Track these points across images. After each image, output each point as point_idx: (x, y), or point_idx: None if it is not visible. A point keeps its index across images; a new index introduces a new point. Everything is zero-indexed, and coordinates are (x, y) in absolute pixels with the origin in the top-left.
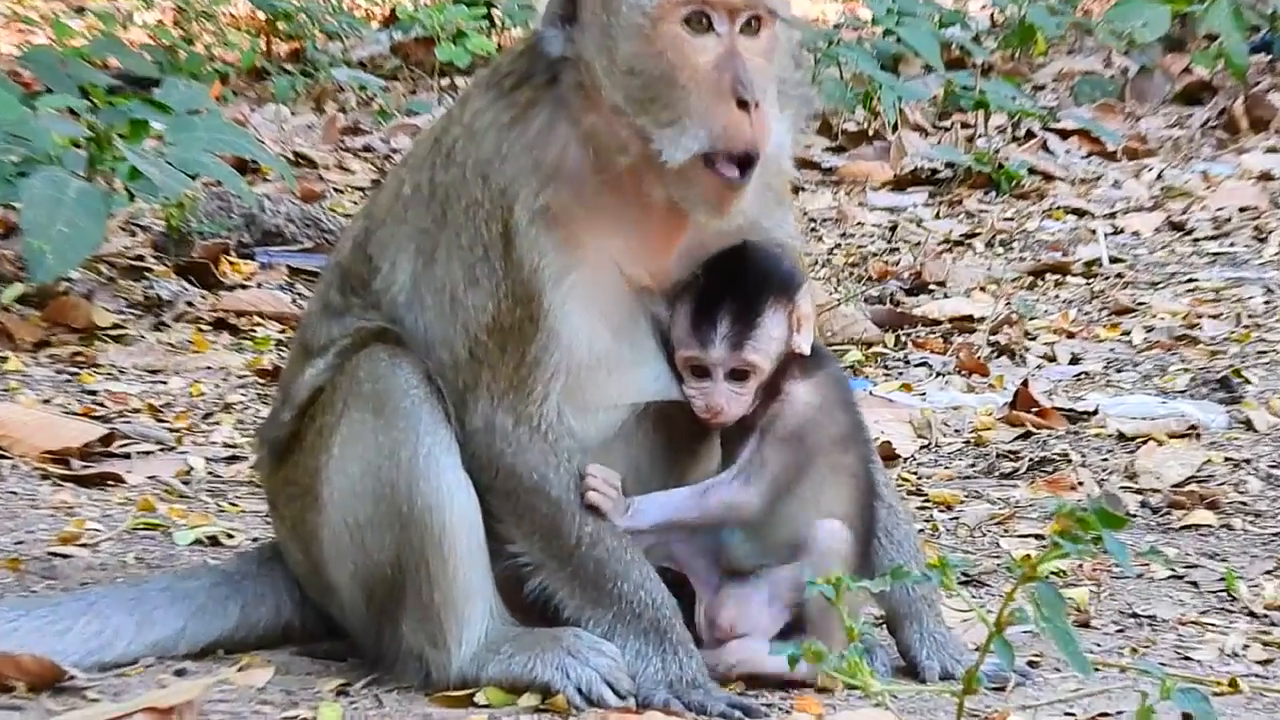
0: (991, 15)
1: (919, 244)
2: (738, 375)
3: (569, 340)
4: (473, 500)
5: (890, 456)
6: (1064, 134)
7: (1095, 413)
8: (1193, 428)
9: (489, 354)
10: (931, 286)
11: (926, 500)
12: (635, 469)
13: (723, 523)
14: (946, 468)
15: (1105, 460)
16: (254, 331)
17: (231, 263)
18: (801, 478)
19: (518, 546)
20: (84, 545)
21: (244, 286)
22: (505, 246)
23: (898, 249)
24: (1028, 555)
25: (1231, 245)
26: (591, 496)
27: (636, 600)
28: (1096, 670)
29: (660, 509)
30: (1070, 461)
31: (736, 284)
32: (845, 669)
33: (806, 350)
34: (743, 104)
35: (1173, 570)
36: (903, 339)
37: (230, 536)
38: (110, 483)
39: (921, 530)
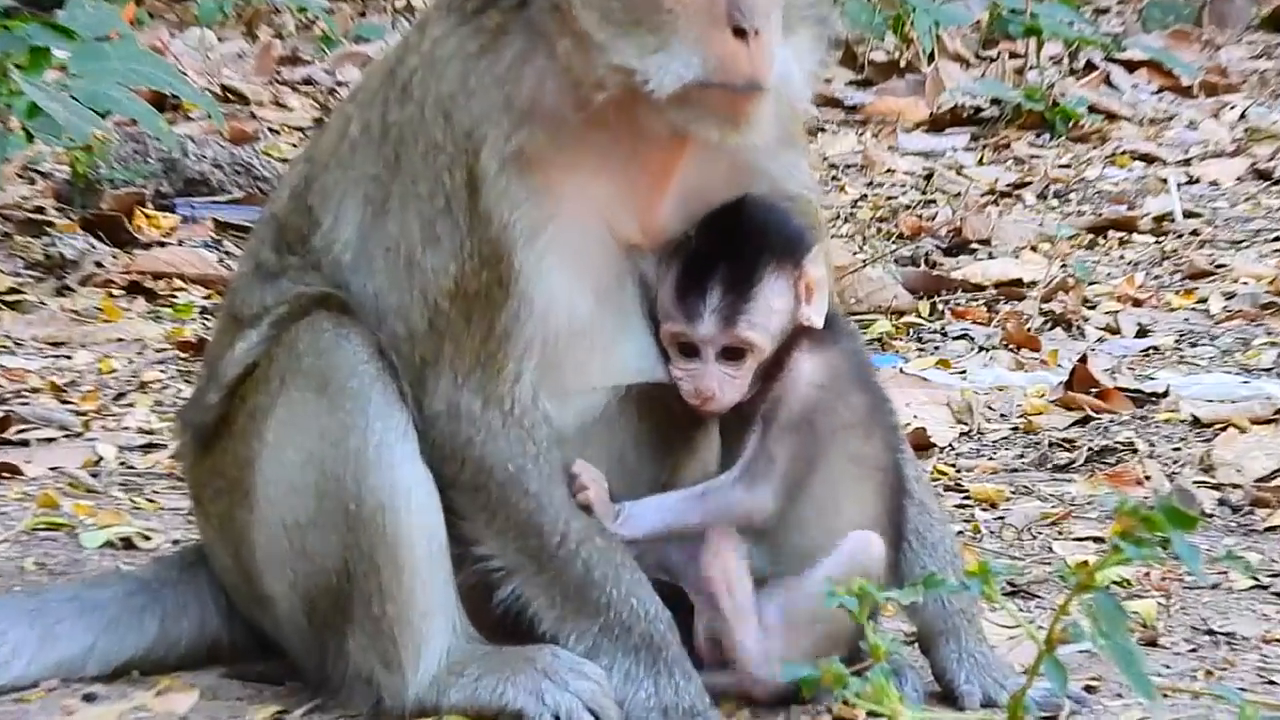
0: None
1: (959, 195)
2: (731, 354)
3: (545, 308)
4: (432, 496)
5: (924, 445)
6: (1130, 66)
7: (1166, 394)
8: None
9: (451, 325)
10: (973, 245)
11: (966, 497)
12: (621, 460)
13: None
14: (990, 459)
15: (1177, 450)
16: (174, 297)
17: (148, 216)
18: (813, 471)
19: (487, 548)
20: None
21: (162, 244)
22: (470, 197)
23: (934, 201)
24: (1085, 561)
25: None
26: (584, 496)
27: (626, 611)
28: (1165, 696)
29: (656, 516)
30: (1136, 451)
31: (731, 246)
32: (870, 694)
33: (818, 323)
34: (739, 32)
35: (1255, 579)
36: (939, 307)
37: (146, 538)
38: (6, 475)
39: (960, 532)
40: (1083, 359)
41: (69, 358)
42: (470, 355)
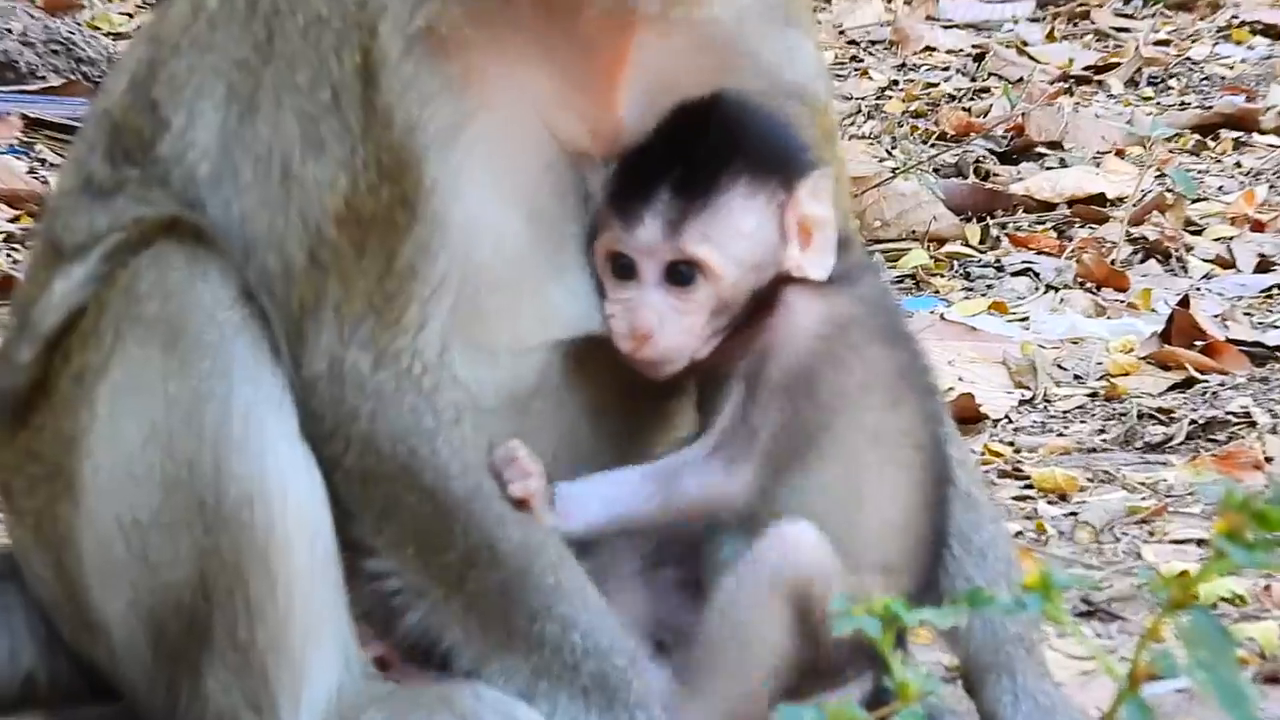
0: None
1: (1020, 82)
2: (679, 278)
3: (464, 235)
4: (316, 485)
5: (972, 417)
6: None
7: None
8: None
9: (340, 258)
10: (1040, 149)
11: (1028, 485)
12: (571, 440)
13: (696, 521)
14: (1061, 434)
15: None
16: None
17: None
18: (813, 448)
19: (383, 561)
20: None
21: None
22: (365, 89)
23: (987, 90)
24: (1183, 572)
25: None
26: (516, 488)
27: (570, 646)
28: None
29: (601, 501)
30: (1254, 425)
31: (695, 143)
32: None
33: (814, 275)
34: None
35: None
36: (994, 232)
37: None
38: None
39: (1019, 533)
40: (1184, 302)
41: None
42: (362, 298)
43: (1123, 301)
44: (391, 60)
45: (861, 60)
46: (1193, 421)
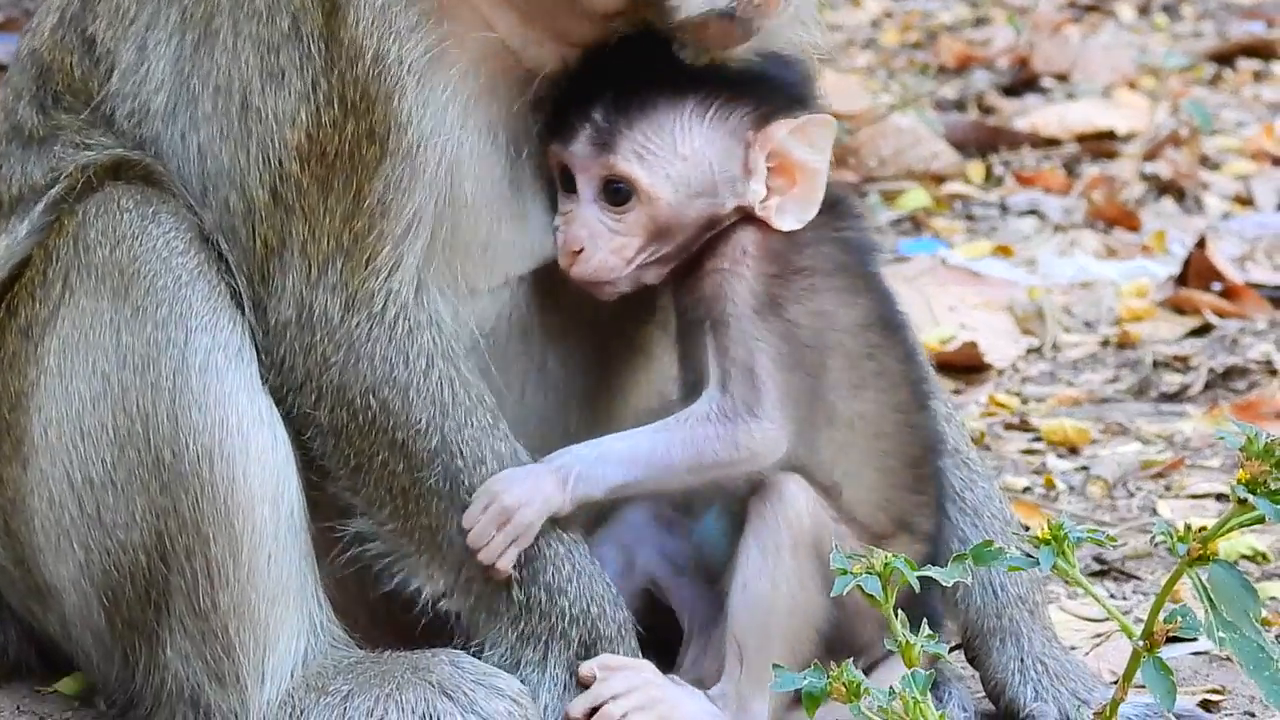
0: None
1: (1025, 11)
2: (614, 198)
3: (442, 170)
4: (280, 438)
5: (977, 367)
6: None
7: None
8: None
9: (304, 195)
10: (1046, 82)
11: (1036, 438)
12: (541, 371)
13: (728, 477)
14: (1070, 384)
15: None
16: None
17: None
18: (822, 382)
19: (358, 520)
20: None
21: None
22: (329, 20)
23: (989, 18)
24: (1202, 526)
25: None
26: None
27: (558, 612)
28: None
29: (616, 465)
30: (1276, 373)
31: (649, 59)
32: (898, 711)
33: (782, 224)
34: None
35: None
36: (998, 170)
37: None
38: None
39: (1026, 489)
40: (1200, 242)
41: None
42: (329, 238)
43: (1135, 243)
44: None
45: None
46: (1210, 370)
